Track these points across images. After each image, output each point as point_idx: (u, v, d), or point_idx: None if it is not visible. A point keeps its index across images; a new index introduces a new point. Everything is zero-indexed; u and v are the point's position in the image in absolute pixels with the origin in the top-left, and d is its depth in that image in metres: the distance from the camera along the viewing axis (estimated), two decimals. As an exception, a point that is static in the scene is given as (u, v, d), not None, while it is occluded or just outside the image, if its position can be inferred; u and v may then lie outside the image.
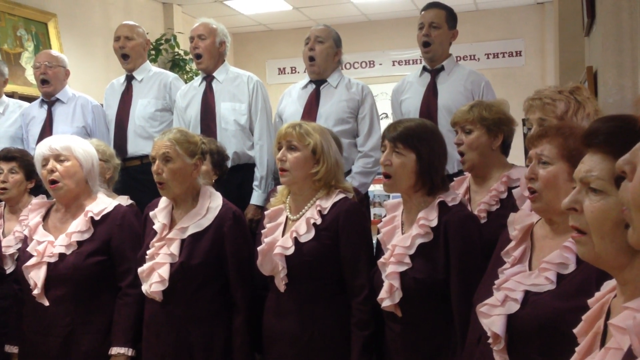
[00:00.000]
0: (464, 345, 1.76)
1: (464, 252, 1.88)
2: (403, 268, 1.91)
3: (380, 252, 2.08)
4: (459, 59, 3.38)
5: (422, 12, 3.29)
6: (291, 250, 2.10)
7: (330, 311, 2.12)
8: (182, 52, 6.53)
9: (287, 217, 2.21)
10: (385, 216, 2.11)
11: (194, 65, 6.47)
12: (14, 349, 2.45)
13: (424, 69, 3.30)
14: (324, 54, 3.28)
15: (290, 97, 3.42)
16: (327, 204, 2.14)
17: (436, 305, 1.92)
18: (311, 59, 3.28)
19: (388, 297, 1.91)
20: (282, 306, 2.16)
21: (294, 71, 8.09)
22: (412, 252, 1.91)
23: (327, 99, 3.27)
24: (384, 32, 7.78)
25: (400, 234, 1.99)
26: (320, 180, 2.16)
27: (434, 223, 1.91)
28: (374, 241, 2.21)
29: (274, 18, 7.71)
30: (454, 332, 1.87)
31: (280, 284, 2.14)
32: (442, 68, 3.24)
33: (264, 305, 2.24)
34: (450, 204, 1.94)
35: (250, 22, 7.77)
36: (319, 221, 2.12)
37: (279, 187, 2.36)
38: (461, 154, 2.29)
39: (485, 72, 3.55)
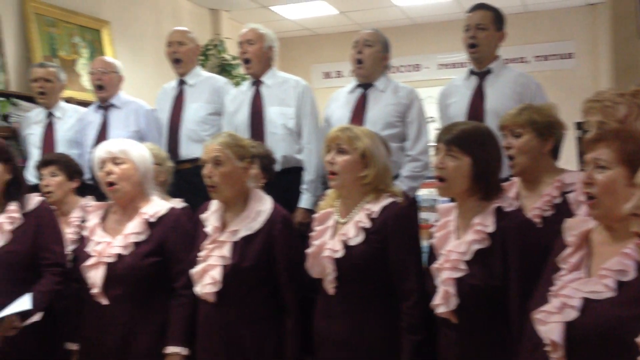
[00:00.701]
0: (519, 353, 1.74)
1: (523, 259, 1.84)
2: (459, 274, 1.89)
3: (431, 257, 2.07)
4: (507, 61, 3.32)
5: (469, 14, 3.26)
6: (340, 254, 2.12)
7: (380, 315, 2.13)
8: (229, 58, 6.63)
9: (336, 220, 2.23)
10: (437, 221, 2.10)
11: (240, 70, 6.58)
12: (74, 346, 2.53)
13: (471, 71, 3.27)
14: (372, 58, 3.29)
15: (337, 102, 3.44)
16: (376, 207, 2.15)
17: (493, 313, 1.89)
18: (359, 62, 3.30)
19: (443, 303, 1.91)
20: (332, 309, 2.18)
21: (339, 75, 8.12)
22: (467, 258, 1.90)
23: (374, 103, 3.27)
24: (429, 35, 7.74)
25: (454, 239, 1.98)
26: (369, 184, 2.17)
27: (491, 229, 1.89)
28: (423, 246, 2.21)
29: (320, 22, 7.76)
30: (511, 341, 1.84)
31: (329, 287, 2.16)
32: (490, 70, 3.20)
33: (314, 307, 2.26)
34: (507, 210, 1.92)
35: (295, 26, 7.84)
36: (368, 225, 2.13)
37: (328, 191, 2.38)
38: (510, 158, 2.26)
39: (535, 75, 3.49)
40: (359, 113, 3.24)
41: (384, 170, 2.18)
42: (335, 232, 2.19)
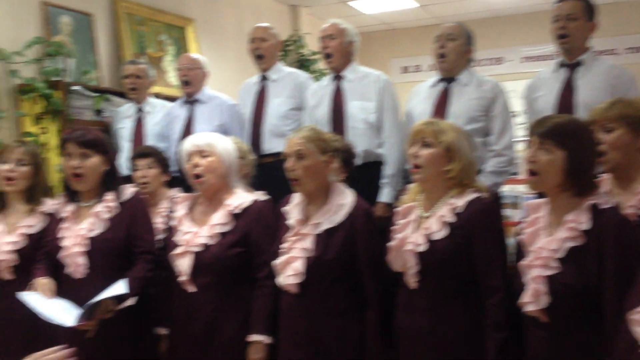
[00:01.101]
0: (613, 354, 1.67)
1: (620, 258, 1.77)
2: (550, 272, 1.84)
3: (519, 254, 2.02)
4: (596, 53, 3.18)
5: (558, 4, 3.14)
6: (423, 247, 2.11)
7: (463, 310, 2.10)
8: (308, 53, 6.69)
9: (418, 214, 2.22)
10: (525, 217, 2.04)
11: (319, 66, 6.63)
12: (163, 331, 2.64)
13: (561, 64, 3.16)
14: (455, 52, 3.23)
15: (418, 96, 3.40)
16: (460, 202, 2.12)
17: (585, 313, 1.83)
18: (441, 56, 3.25)
19: (532, 301, 1.86)
20: (414, 303, 2.17)
21: (417, 69, 8.02)
22: (559, 255, 1.84)
23: (457, 97, 3.22)
24: (512, 27, 7.51)
25: (544, 236, 1.92)
26: (454, 179, 2.15)
27: (585, 226, 1.82)
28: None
29: (398, 16, 7.69)
30: (603, 341, 1.77)
31: (411, 281, 2.15)
32: (581, 62, 3.08)
33: (395, 301, 2.26)
34: (602, 207, 1.85)
35: (373, 21, 7.81)
36: (452, 219, 2.11)
37: (410, 185, 2.37)
38: (601, 154, 2.17)
39: (626, 67, 3.33)
40: (441, 107, 3.20)
41: (469, 164, 2.16)
42: (418, 226, 2.18)
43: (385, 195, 3.28)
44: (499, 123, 3.14)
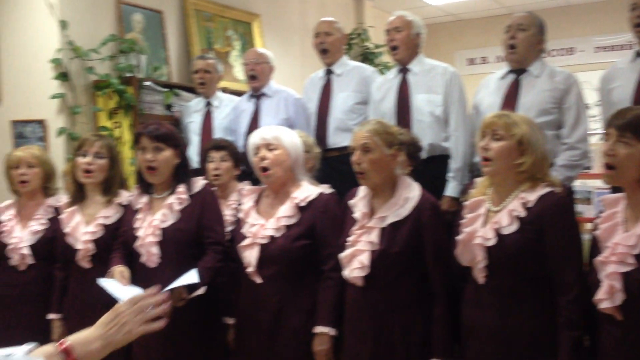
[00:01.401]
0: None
1: None
2: (626, 268, 1.78)
3: (593, 249, 1.96)
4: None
5: None
6: (492, 242, 2.07)
7: (533, 307, 2.05)
8: (372, 46, 6.66)
9: (488, 208, 2.18)
10: (601, 212, 1.97)
11: (383, 59, 6.59)
12: (231, 321, 2.70)
13: (638, 53, 3.02)
14: (526, 43, 3.15)
15: (487, 88, 3.33)
16: (532, 196, 2.07)
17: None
18: (511, 47, 3.17)
19: (607, 298, 1.80)
20: (481, 298, 2.13)
21: (484, 61, 7.85)
22: (636, 252, 1.78)
23: (528, 89, 3.13)
24: (584, 16, 7.24)
25: (621, 232, 1.85)
26: (525, 172, 2.10)
27: (665, 223, 1.75)
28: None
29: (464, 7, 7.55)
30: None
31: (479, 276, 2.11)
32: (661, 52, 2.95)
33: (461, 296, 2.23)
34: None
35: (438, 12, 7.69)
36: (522, 214, 2.05)
37: (479, 179, 2.33)
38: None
39: None
40: (511, 100, 3.12)
41: (541, 158, 2.10)
42: (487, 220, 2.14)
43: (451, 189, 3.25)
44: (572, 115, 3.04)
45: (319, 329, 2.41)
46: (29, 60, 3.85)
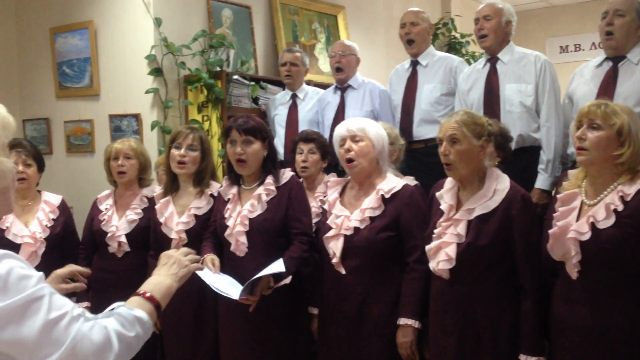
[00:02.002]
0: None
1: None
2: None
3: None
4: None
5: None
6: (587, 236, 1.99)
7: (629, 304, 1.97)
8: (458, 36, 6.53)
9: (582, 201, 2.09)
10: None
11: (470, 48, 6.44)
12: (315, 310, 2.74)
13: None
14: (624, 29, 2.99)
15: (582, 77, 3.19)
16: (631, 190, 1.97)
17: None
18: (608, 33, 3.02)
19: None
20: (574, 294, 2.06)
21: (577, 49, 7.51)
22: None
23: (626, 77, 2.97)
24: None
25: None
26: (624, 164, 2.00)
27: None
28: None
29: (557, -7, 7.25)
30: None
31: (572, 271, 2.04)
32: None
33: (552, 291, 2.16)
34: None
35: (529, -1, 7.43)
36: (620, 207, 1.97)
37: (572, 171, 2.24)
38: None
39: None
40: (607, 88, 2.97)
41: (642, 149, 1.99)
42: (581, 214, 2.06)
43: (541, 181, 3.14)
44: (675, 104, 2.86)
45: (402, 320, 2.41)
46: (126, 57, 4.04)
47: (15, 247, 2.94)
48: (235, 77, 4.09)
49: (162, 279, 1.61)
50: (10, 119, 1.39)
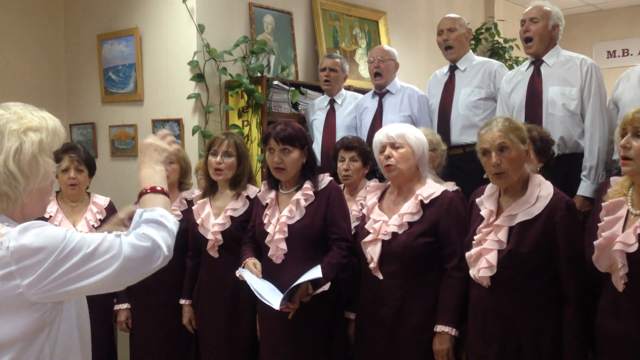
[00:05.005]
0: None
1: None
2: None
3: None
4: None
5: None
6: (634, 248, 1.93)
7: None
8: (501, 41, 6.43)
9: (628, 210, 2.03)
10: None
11: (513, 53, 6.33)
12: (352, 315, 2.73)
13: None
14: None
15: (628, 82, 3.11)
16: (679, 199, 1.90)
17: None
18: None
19: None
20: (620, 307, 2.00)
21: (625, 54, 7.31)
22: None
23: (676, 82, 2.88)
24: None
25: None
26: (672, 174, 1.93)
27: None
28: None
29: (606, -3, 7.08)
30: None
31: (619, 283, 1.98)
32: None
33: (597, 302, 2.11)
34: None
35: (577, 2, 7.26)
36: (669, 218, 1.90)
37: (615, 178, 2.18)
38: None
39: None
40: (657, 94, 2.88)
41: (690, 158, 1.92)
42: (627, 224, 2.00)
43: (584, 188, 3.06)
44: None
45: (440, 327, 2.38)
46: (169, 63, 4.11)
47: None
48: (276, 82, 4.11)
49: (152, 169, 1.65)
50: (61, 129, 1.50)
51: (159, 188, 1.60)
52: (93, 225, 3.20)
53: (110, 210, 3.32)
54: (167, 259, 1.48)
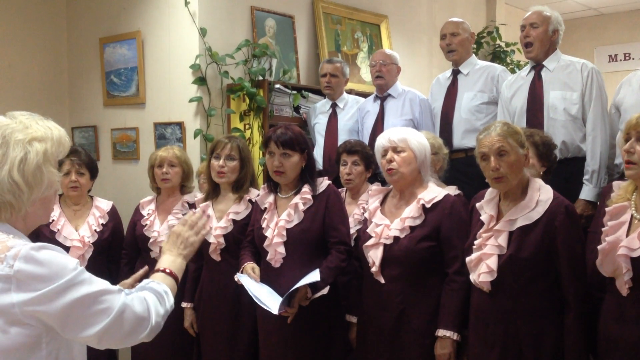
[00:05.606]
0: None
1: None
2: None
3: None
4: None
5: None
6: (638, 252, 1.92)
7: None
8: (503, 45, 6.43)
9: (632, 215, 2.03)
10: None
11: (515, 57, 6.33)
12: (353, 319, 2.73)
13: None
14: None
15: (630, 86, 3.10)
16: (683, 204, 1.90)
17: None
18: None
19: None
20: (624, 312, 1.99)
21: (627, 58, 7.31)
22: None
23: (678, 86, 2.88)
24: None
25: None
26: (677, 178, 1.93)
27: None
28: None
29: (607, 1, 7.06)
30: None
31: (623, 287, 1.97)
32: None
33: (600, 307, 2.10)
34: None
35: (579, 7, 7.26)
36: (672, 222, 1.90)
37: (617, 183, 2.18)
38: None
39: None
40: (658, 98, 2.88)
41: (694, 162, 1.92)
42: (631, 229, 1.99)
43: (586, 192, 3.06)
44: None
45: (441, 332, 2.38)
46: (171, 66, 4.12)
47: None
48: (277, 86, 4.12)
49: (174, 257, 1.74)
50: (66, 139, 1.51)
51: (173, 273, 1.69)
52: (95, 230, 3.20)
53: (113, 214, 3.33)
54: (153, 331, 1.49)
